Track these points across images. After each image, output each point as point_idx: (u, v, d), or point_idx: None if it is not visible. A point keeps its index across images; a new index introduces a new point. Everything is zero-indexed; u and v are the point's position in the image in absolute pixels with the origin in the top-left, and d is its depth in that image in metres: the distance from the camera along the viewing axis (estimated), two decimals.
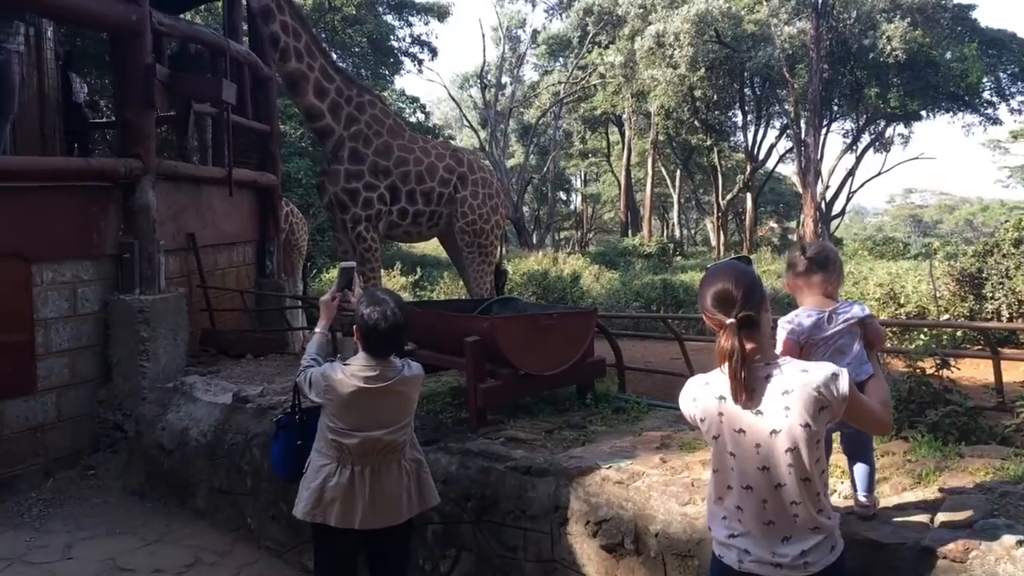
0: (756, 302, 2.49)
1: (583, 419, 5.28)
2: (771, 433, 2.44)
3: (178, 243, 8.61)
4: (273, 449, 4.20)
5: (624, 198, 42.58)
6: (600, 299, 19.97)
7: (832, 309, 3.16)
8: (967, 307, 15.23)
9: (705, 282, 2.57)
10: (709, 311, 2.52)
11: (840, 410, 2.49)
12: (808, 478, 2.46)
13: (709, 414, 2.56)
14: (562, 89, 39.17)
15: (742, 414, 2.48)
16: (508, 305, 6.20)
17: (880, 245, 34.59)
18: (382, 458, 3.72)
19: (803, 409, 2.42)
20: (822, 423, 2.46)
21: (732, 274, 2.53)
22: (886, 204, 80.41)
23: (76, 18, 7.82)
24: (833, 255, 3.26)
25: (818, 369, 2.49)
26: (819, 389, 2.43)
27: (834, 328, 3.15)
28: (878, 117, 36.28)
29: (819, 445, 2.49)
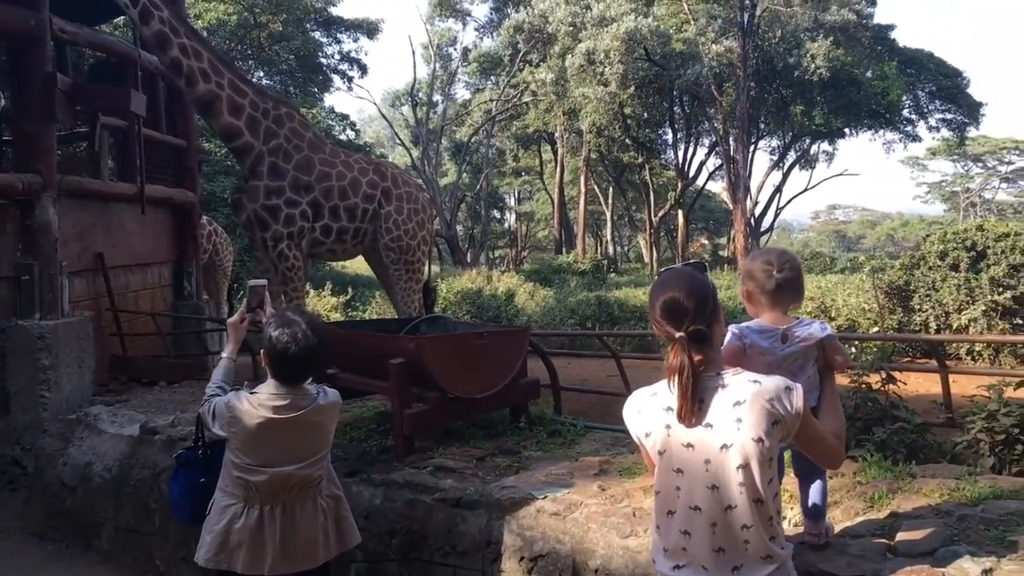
0: (708, 314, 2.28)
1: (517, 444, 4.98)
2: (721, 448, 2.22)
3: (85, 264, 8.09)
4: (173, 488, 3.81)
5: (557, 216, 42.57)
6: (535, 316, 19.72)
7: (788, 327, 2.89)
8: (896, 319, 15.38)
9: (656, 290, 2.34)
10: (659, 322, 2.30)
11: (794, 427, 2.27)
12: (760, 499, 2.23)
13: (656, 427, 2.33)
14: (494, 107, 39.05)
15: (693, 427, 2.26)
16: (436, 324, 5.87)
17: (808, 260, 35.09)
18: (295, 496, 3.36)
19: (755, 422, 2.20)
20: (775, 439, 2.23)
21: (684, 283, 2.30)
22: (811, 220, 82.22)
23: None
24: (799, 271, 2.97)
25: (770, 381, 2.28)
26: (772, 401, 2.22)
27: (790, 348, 2.88)
28: (803, 134, 36.93)
29: (772, 464, 2.26)
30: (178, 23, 7.23)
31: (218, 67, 7.39)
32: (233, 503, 3.32)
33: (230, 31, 30.95)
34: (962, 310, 14.49)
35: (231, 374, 3.65)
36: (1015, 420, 4.23)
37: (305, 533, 3.38)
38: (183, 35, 7.23)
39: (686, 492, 2.29)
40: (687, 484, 2.28)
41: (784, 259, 2.94)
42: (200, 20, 29.25)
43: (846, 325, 15.65)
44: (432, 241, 8.71)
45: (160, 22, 7.09)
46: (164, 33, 7.10)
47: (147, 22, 7.07)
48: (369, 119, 61.10)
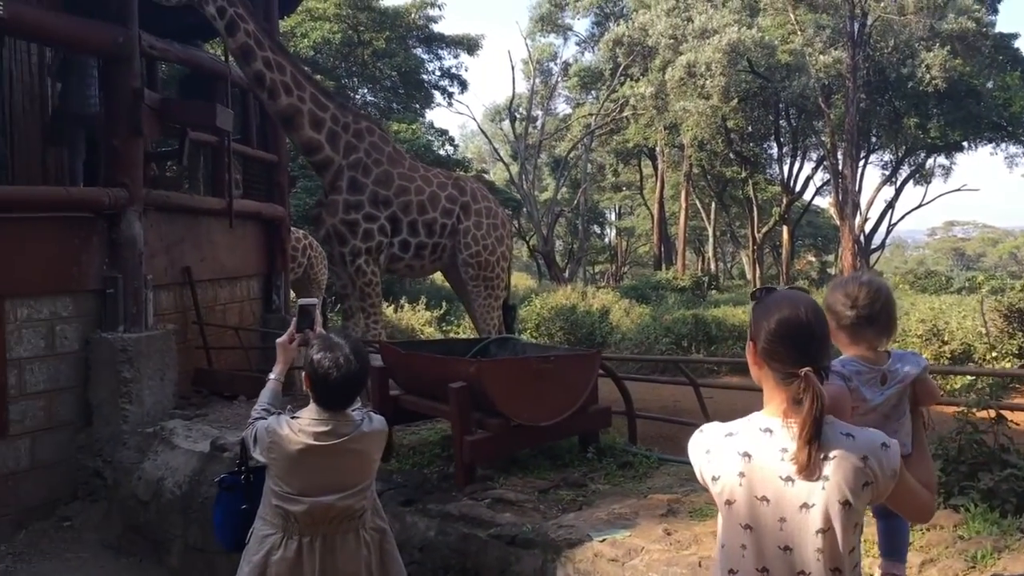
0: (830, 350, 2.01)
1: (584, 476, 4.70)
2: (801, 507, 1.90)
3: (172, 277, 8.18)
4: (216, 513, 3.69)
5: (657, 231, 41.93)
6: (629, 334, 19.34)
7: (887, 366, 2.55)
8: (1016, 344, 14.36)
9: (769, 311, 2.00)
10: (775, 351, 1.97)
11: (887, 491, 1.95)
12: (839, 568, 1.91)
13: (726, 473, 2.00)
14: (593, 121, 38.79)
15: (770, 479, 1.94)
16: (506, 346, 5.65)
17: (922, 279, 33.50)
18: (336, 527, 3.18)
19: (844, 482, 1.88)
20: (864, 502, 1.92)
21: (810, 308, 1.98)
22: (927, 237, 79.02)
23: (57, 40, 7.46)
24: (887, 303, 2.61)
25: (865, 436, 1.95)
26: (866, 460, 1.90)
27: (888, 391, 2.54)
28: (918, 148, 35.34)
29: (857, 530, 1.94)
30: (263, 36, 7.29)
31: (300, 81, 7.41)
32: (272, 533, 3.17)
33: (335, 49, 31.65)
34: None
35: (278, 396, 3.52)
36: None
37: (346, 567, 3.19)
38: (267, 48, 7.28)
39: (754, 552, 1.98)
40: (756, 542, 1.97)
41: (866, 289, 2.59)
42: (306, 39, 30.02)
43: (960, 350, 14.71)
44: (511, 257, 8.51)
45: (246, 35, 7.15)
46: (249, 46, 7.16)
47: (233, 34, 7.15)
48: (470, 134, 61.67)
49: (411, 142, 27.31)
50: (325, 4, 30.58)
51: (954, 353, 14.62)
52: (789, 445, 1.93)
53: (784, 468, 1.93)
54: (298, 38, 29.87)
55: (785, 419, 1.96)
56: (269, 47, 7.32)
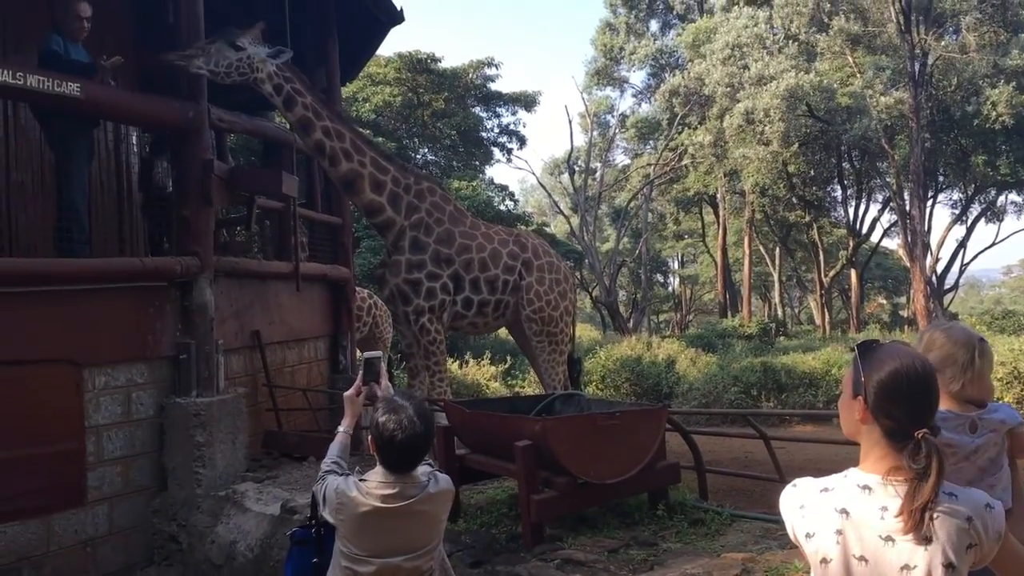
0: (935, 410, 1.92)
1: (654, 534, 4.62)
2: (902, 568, 1.83)
3: (242, 341, 8.36)
4: (287, 568, 3.69)
5: (721, 278, 41.45)
6: (696, 384, 19.01)
7: (979, 413, 2.45)
8: None
9: (883, 364, 1.92)
10: (888, 408, 1.90)
11: (991, 554, 1.86)
12: None
13: (822, 530, 1.93)
14: (652, 171, 38.80)
15: (869, 538, 1.86)
16: (571, 403, 5.61)
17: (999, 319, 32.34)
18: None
19: (948, 543, 1.80)
20: (967, 565, 1.83)
21: (927, 365, 1.91)
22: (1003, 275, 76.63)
23: (131, 119, 7.79)
24: (957, 351, 2.51)
25: (968, 496, 1.87)
26: (970, 520, 1.82)
27: (979, 440, 2.44)
28: (988, 185, 34.47)
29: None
30: (321, 106, 7.53)
31: (360, 146, 7.62)
32: None
33: (395, 112, 32.39)
34: None
35: (347, 449, 3.54)
36: None
37: None
38: (326, 118, 7.51)
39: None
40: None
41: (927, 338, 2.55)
42: (367, 104, 30.81)
43: None
44: (575, 311, 8.50)
45: (304, 108, 7.41)
46: (308, 118, 7.42)
47: (291, 108, 7.42)
48: (531, 188, 62.18)
49: (471, 199, 27.62)
50: (385, 69, 31.41)
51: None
52: (890, 504, 1.86)
53: (884, 527, 1.86)
54: (360, 103, 30.67)
55: (886, 477, 1.89)
56: (327, 116, 7.56)
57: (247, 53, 7.15)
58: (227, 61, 7.07)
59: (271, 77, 7.30)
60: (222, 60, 7.06)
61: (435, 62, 32.66)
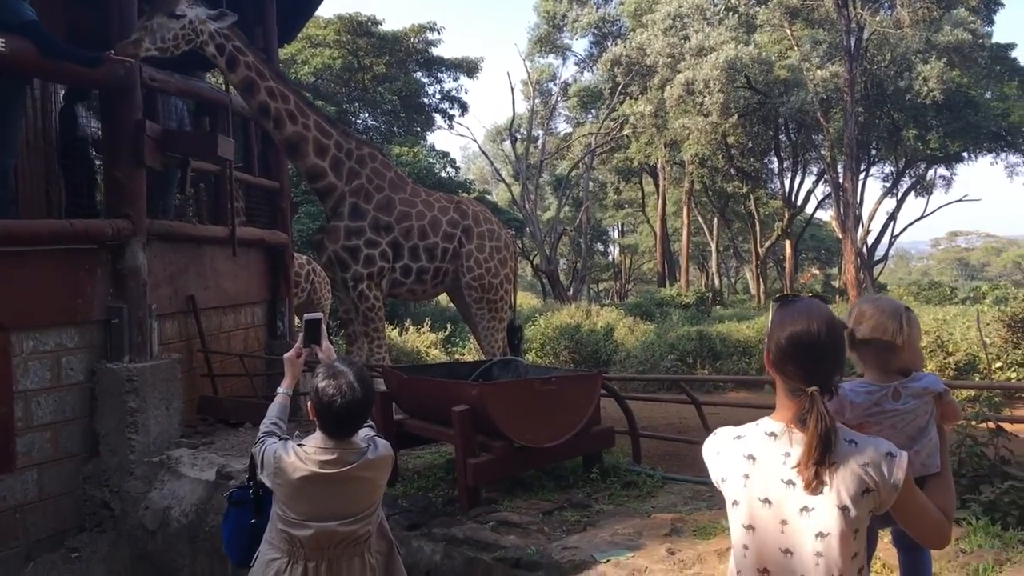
0: (843, 363, 2.03)
1: (588, 496, 4.71)
2: (801, 510, 1.94)
3: (176, 306, 8.22)
4: (224, 528, 3.69)
5: (660, 248, 41.96)
6: (634, 352, 19.30)
7: (901, 382, 2.55)
8: (1020, 354, 14.32)
9: (784, 323, 2.02)
10: (782, 365, 2.00)
11: (889, 500, 1.96)
12: (840, 575, 1.93)
13: (733, 474, 2.06)
14: (594, 140, 38.94)
15: (772, 482, 1.98)
16: (509, 368, 5.67)
17: (926, 290, 33.41)
18: (341, 552, 3.18)
19: (843, 488, 1.92)
20: (864, 510, 1.94)
21: (824, 321, 1.99)
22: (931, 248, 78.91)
23: (58, 76, 7.54)
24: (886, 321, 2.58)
25: (869, 444, 1.98)
26: (867, 467, 1.93)
27: (903, 406, 2.54)
28: (918, 159, 35.39)
29: (858, 536, 1.96)
30: (264, 67, 7.38)
31: (304, 109, 7.51)
32: (277, 557, 3.17)
33: (335, 75, 31.89)
34: None
35: (286, 411, 3.54)
36: None
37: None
38: (269, 78, 7.37)
39: (755, 552, 2.02)
40: (757, 543, 2.01)
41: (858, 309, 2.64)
42: (306, 66, 30.26)
43: (964, 361, 14.66)
44: (515, 279, 8.54)
45: (246, 67, 7.25)
46: (251, 78, 7.27)
47: (234, 69, 7.25)
48: (473, 156, 61.91)
49: (412, 165, 27.41)
50: (325, 31, 30.85)
51: (959, 364, 14.57)
52: (792, 450, 1.97)
53: (786, 472, 1.97)
54: (299, 65, 30.11)
55: (789, 425, 1.99)
56: (271, 76, 7.41)
57: (187, 18, 6.96)
58: (171, 33, 6.88)
59: (212, 37, 7.12)
60: (167, 33, 6.87)
61: (376, 25, 32.19)
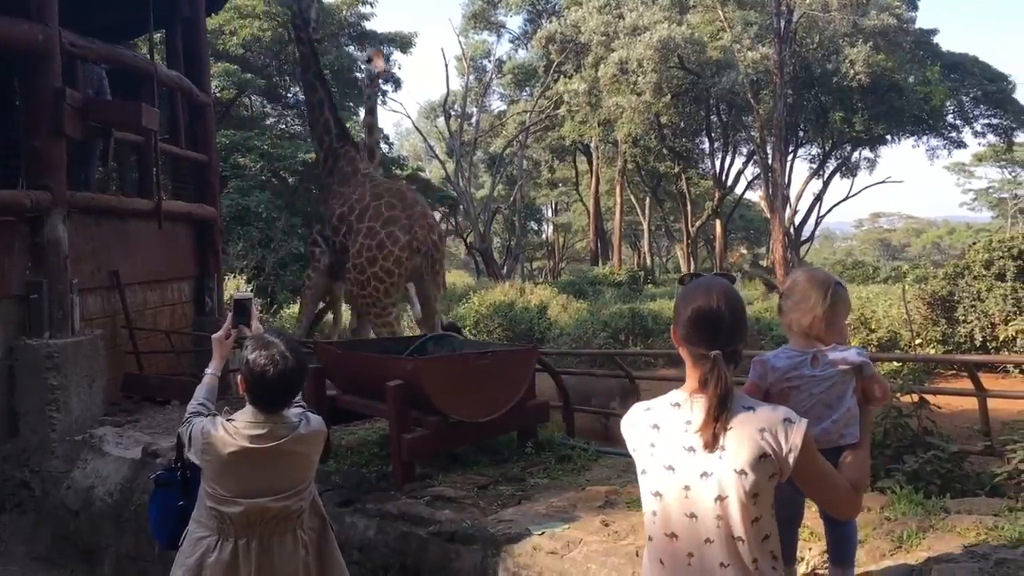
0: (744, 332, 2.12)
1: (523, 471, 4.73)
2: (702, 475, 2.01)
3: (100, 281, 7.98)
4: (151, 510, 3.59)
5: (593, 227, 42.22)
6: (567, 329, 19.41)
7: (819, 350, 2.58)
8: (940, 331, 14.81)
9: (687, 299, 2.11)
10: (687, 336, 2.09)
11: (786, 468, 2.01)
12: (741, 537, 2.00)
13: (640, 444, 2.14)
14: (528, 118, 38.87)
15: (675, 449, 2.05)
16: (444, 343, 5.63)
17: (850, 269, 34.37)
18: (272, 529, 3.11)
19: (738, 452, 1.98)
20: (763, 475, 1.99)
21: (722, 294, 2.08)
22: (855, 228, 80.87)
23: None
24: (812, 290, 2.61)
25: (767, 410, 2.05)
26: (763, 432, 1.98)
27: (820, 373, 2.57)
28: (844, 141, 36.21)
29: (758, 501, 2.00)
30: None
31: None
32: (207, 535, 3.08)
33: (265, 47, 31.15)
34: (1009, 321, 13.91)
35: (214, 391, 3.44)
36: None
37: (283, 569, 3.13)
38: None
39: (663, 518, 2.09)
40: (664, 509, 2.09)
41: (794, 275, 2.70)
42: (235, 37, 29.48)
43: (886, 338, 15.12)
44: (403, 273, 8.34)
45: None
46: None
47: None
48: (406, 133, 61.33)
49: None
50: (254, 1, 30.08)
51: (881, 341, 15.01)
52: (693, 418, 2.04)
53: (688, 439, 2.04)
54: (227, 36, 29.33)
55: (692, 394, 2.07)
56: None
57: None
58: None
59: None
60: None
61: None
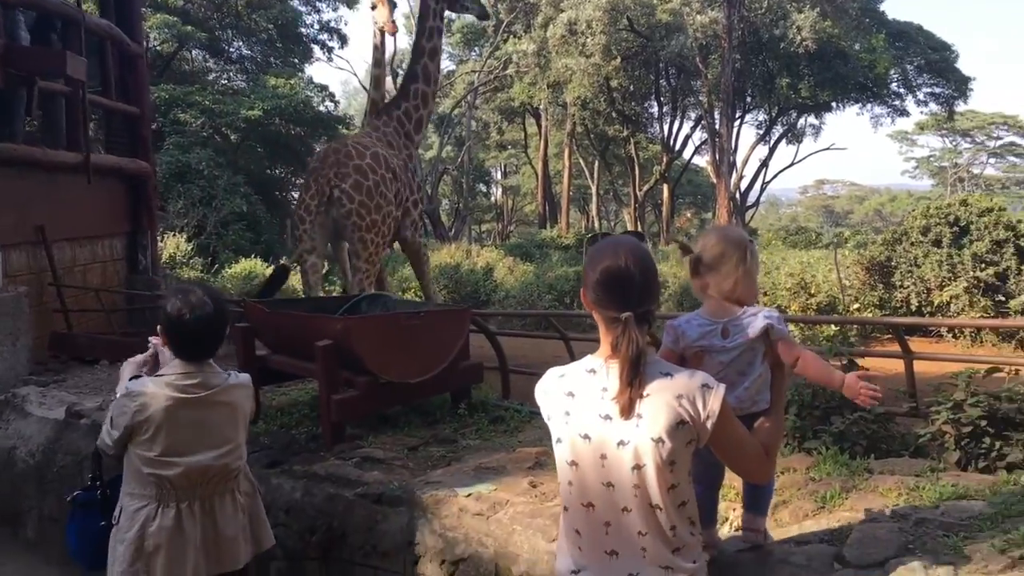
0: (656, 293, 2.05)
1: (455, 432, 4.68)
2: (618, 444, 1.96)
3: (24, 236, 7.69)
4: (69, 532, 3.42)
5: (542, 190, 42.15)
6: (512, 291, 19.43)
7: (731, 319, 2.48)
8: (876, 296, 15.10)
9: (595, 259, 2.02)
10: (597, 297, 2.01)
11: (704, 434, 1.98)
12: (658, 506, 1.96)
13: (555, 412, 2.08)
14: (477, 79, 38.49)
15: (591, 417, 1.99)
16: (377, 303, 5.53)
17: (793, 235, 34.88)
18: (213, 489, 3.02)
19: (655, 420, 1.92)
20: (680, 442, 1.95)
21: (631, 254, 2.00)
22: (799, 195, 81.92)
23: None
24: (730, 250, 2.47)
25: (684, 376, 1.99)
26: (680, 399, 1.94)
27: (730, 343, 2.47)
28: (790, 108, 36.51)
29: (676, 469, 1.97)
30: None
31: None
32: (144, 504, 2.94)
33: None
34: (944, 287, 14.23)
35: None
36: (982, 411, 3.93)
37: (226, 531, 3.05)
38: None
39: (579, 487, 2.04)
40: (580, 479, 2.04)
41: (709, 235, 2.58)
42: None
43: (825, 302, 15.37)
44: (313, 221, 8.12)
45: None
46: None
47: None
48: (354, 91, 60.31)
49: (289, 98, 26.51)
50: None
51: (820, 305, 15.25)
52: (609, 384, 1.97)
53: (604, 406, 1.98)
54: None
55: (607, 360, 2.00)
56: None
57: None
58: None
59: None
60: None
61: None
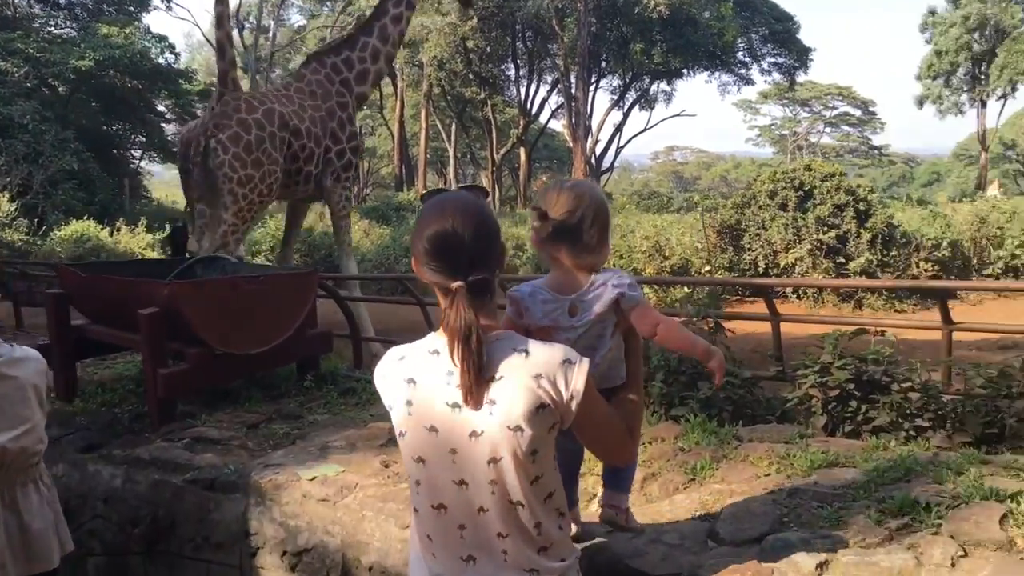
0: (495, 257, 1.69)
1: (301, 406, 4.30)
2: (470, 435, 1.65)
3: None
4: None
5: (398, 152, 41.34)
6: (369, 255, 18.92)
7: (579, 294, 2.14)
8: (727, 258, 15.50)
9: (422, 222, 1.69)
10: (427, 264, 1.67)
11: (568, 416, 1.68)
12: (520, 503, 1.66)
13: (396, 402, 1.73)
14: (329, 34, 37.14)
15: (437, 406, 1.66)
16: (215, 266, 5.03)
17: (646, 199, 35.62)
18: (13, 477, 2.61)
19: (511, 405, 1.62)
20: (542, 428, 1.64)
21: (460, 212, 1.66)
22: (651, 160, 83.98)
23: None
24: (589, 212, 2.12)
25: (542, 351, 1.67)
26: (539, 379, 1.63)
27: (578, 321, 2.13)
28: (643, 73, 37.08)
29: (538, 458, 1.67)
30: None
31: None
32: None
33: None
34: (789, 249, 14.72)
35: None
36: (849, 374, 3.87)
37: (34, 526, 2.65)
38: None
39: (428, 487, 1.73)
40: (429, 477, 1.72)
41: (566, 194, 2.13)
42: None
43: (679, 264, 15.66)
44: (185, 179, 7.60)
45: None
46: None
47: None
48: (198, 45, 57.29)
49: (124, 48, 24.78)
50: None
51: (674, 267, 15.54)
52: (455, 368, 1.65)
53: (450, 393, 1.66)
54: None
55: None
56: None
57: None
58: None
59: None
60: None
61: None
